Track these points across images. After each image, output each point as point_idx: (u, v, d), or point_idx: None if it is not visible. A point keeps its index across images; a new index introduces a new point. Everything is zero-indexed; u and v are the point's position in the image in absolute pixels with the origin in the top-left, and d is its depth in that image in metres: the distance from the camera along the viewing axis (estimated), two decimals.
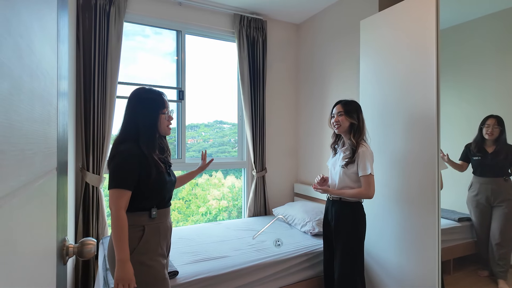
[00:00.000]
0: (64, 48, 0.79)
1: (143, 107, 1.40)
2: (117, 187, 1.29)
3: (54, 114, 0.65)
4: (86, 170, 2.54)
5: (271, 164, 3.57)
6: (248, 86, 3.30)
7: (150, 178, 1.35)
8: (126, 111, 1.42)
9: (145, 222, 1.36)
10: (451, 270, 2.81)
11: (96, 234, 2.60)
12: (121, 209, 1.28)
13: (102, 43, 2.60)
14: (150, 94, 1.43)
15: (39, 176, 0.49)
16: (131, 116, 1.40)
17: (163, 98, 1.45)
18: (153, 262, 1.36)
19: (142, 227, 1.35)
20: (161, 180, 1.40)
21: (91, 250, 0.80)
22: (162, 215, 1.42)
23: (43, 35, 0.51)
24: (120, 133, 1.40)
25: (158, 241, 1.40)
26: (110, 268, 1.37)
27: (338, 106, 1.97)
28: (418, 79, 2.01)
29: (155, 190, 1.38)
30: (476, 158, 2.73)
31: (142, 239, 1.34)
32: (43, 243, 0.55)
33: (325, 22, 3.29)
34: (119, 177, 1.30)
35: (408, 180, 2.07)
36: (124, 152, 1.32)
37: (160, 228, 1.41)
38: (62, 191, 0.77)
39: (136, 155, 1.33)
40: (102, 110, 2.60)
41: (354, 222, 1.90)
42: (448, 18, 3.29)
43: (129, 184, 1.31)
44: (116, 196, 1.29)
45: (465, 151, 2.85)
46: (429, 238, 1.93)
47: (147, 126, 1.39)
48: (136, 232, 1.34)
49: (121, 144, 1.36)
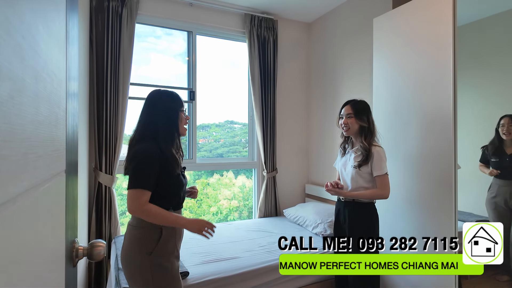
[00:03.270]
0: (73, 49, 0.79)
1: (163, 106, 1.39)
2: (138, 187, 1.27)
3: (63, 116, 0.64)
4: (99, 170, 2.58)
5: (282, 165, 3.54)
6: (259, 86, 3.28)
7: (169, 178, 1.34)
8: (143, 111, 1.42)
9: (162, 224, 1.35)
10: (468, 276, 2.72)
11: (109, 233, 2.63)
12: (144, 205, 1.26)
13: (115, 44, 2.63)
14: (168, 95, 1.44)
15: (45, 180, 0.49)
16: (149, 116, 1.39)
17: (180, 98, 1.46)
18: (169, 264, 1.35)
19: (160, 229, 1.33)
20: (179, 180, 1.40)
21: (100, 252, 0.80)
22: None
23: (49, 36, 0.50)
24: (137, 133, 1.39)
25: (175, 243, 1.39)
26: (123, 267, 1.36)
27: (347, 108, 1.90)
28: (434, 78, 1.95)
29: (173, 191, 1.37)
30: (495, 160, 2.65)
31: (160, 241, 1.32)
32: (50, 246, 0.54)
33: (337, 21, 3.24)
34: (140, 177, 1.28)
35: (424, 181, 2.01)
36: (144, 152, 1.31)
37: (176, 230, 1.40)
38: (71, 193, 0.77)
39: (156, 154, 1.31)
40: (114, 111, 2.63)
41: (370, 223, 1.86)
42: (467, 14, 3.18)
43: (150, 184, 1.29)
44: (136, 196, 1.26)
45: (483, 153, 2.78)
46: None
47: (168, 124, 1.38)
48: (154, 234, 1.32)
49: (139, 144, 1.34)
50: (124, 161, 1.39)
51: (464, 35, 3.31)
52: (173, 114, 1.40)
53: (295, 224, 3.01)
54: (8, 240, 0.32)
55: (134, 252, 1.32)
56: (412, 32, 2.10)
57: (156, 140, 1.35)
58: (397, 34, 2.23)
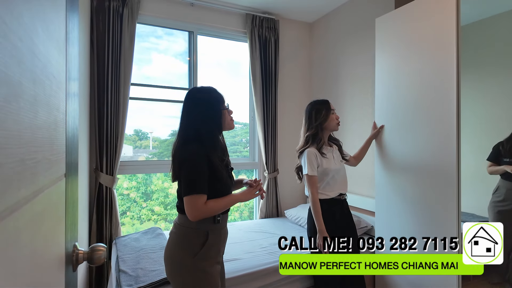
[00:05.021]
0: (74, 50, 0.78)
1: (202, 106, 1.33)
2: (194, 193, 1.23)
3: (62, 118, 0.63)
4: (99, 171, 2.57)
5: (284, 165, 3.52)
6: (260, 86, 3.27)
7: (218, 181, 1.30)
8: (183, 113, 1.36)
9: (209, 227, 1.32)
10: (470, 276, 2.70)
11: (110, 234, 2.62)
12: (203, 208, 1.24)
13: (116, 44, 2.62)
14: (206, 93, 1.36)
15: (45, 185, 0.48)
16: (190, 118, 1.33)
17: (219, 93, 1.39)
18: (212, 270, 1.32)
19: (206, 232, 1.30)
20: (227, 182, 1.36)
21: (101, 256, 0.78)
22: (224, 220, 1.39)
23: (48, 38, 0.49)
24: (181, 136, 1.34)
25: (218, 247, 1.36)
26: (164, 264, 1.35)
27: (331, 104, 1.97)
28: (437, 78, 1.93)
29: (221, 193, 1.33)
30: (507, 160, 2.48)
31: (205, 245, 1.29)
32: (50, 253, 0.53)
33: (339, 21, 3.22)
34: (193, 182, 1.24)
35: (426, 184, 2.00)
36: (192, 155, 1.26)
37: (222, 234, 1.37)
38: (72, 196, 0.76)
39: (204, 156, 1.27)
40: (115, 111, 2.62)
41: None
42: (471, 14, 3.16)
43: (205, 187, 1.25)
44: (194, 202, 1.23)
45: (496, 150, 2.59)
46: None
47: (210, 125, 1.32)
48: (199, 238, 1.30)
49: (186, 146, 1.29)
50: (170, 169, 1.35)
51: (468, 35, 3.29)
52: (216, 112, 1.34)
53: (296, 225, 3.00)
54: (6, 249, 0.31)
55: (177, 252, 1.30)
56: (415, 32, 2.09)
57: (201, 142, 1.30)
58: (399, 34, 2.21)
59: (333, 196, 1.91)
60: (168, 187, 3.52)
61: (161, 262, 1.99)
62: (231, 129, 1.44)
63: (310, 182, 1.84)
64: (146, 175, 3.37)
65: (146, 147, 3.34)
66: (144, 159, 3.28)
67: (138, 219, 3.35)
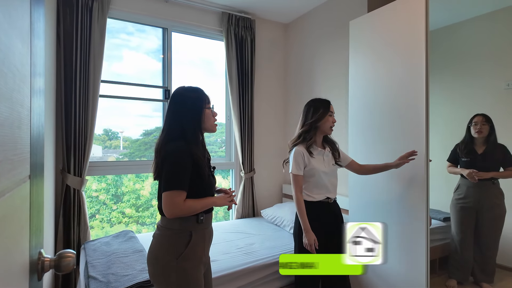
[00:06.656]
0: (39, 43, 0.72)
1: (187, 104, 1.34)
2: (173, 189, 1.22)
3: (27, 115, 0.58)
4: (67, 172, 2.43)
5: (260, 165, 3.53)
6: (237, 86, 3.25)
7: (201, 178, 1.30)
8: (168, 111, 1.37)
9: (192, 228, 1.30)
10: (436, 269, 2.84)
11: (78, 238, 2.49)
12: (181, 205, 1.22)
13: (84, 39, 2.49)
14: (192, 92, 1.39)
15: (7, 188, 0.43)
16: (175, 116, 1.34)
17: (204, 93, 1.41)
18: (195, 270, 1.30)
19: (189, 233, 1.29)
20: (210, 181, 1.35)
21: (69, 264, 0.73)
22: (208, 220, 1.37)
23: (10, 27, 0.44)
24: (165, 134, 1.33)
25: (203, 247, 1.34)
26: (148, 265, 1.34)
27: (331, 106, 1.91)
28: (407, 80, 2.01)
29: (203, 192, 1.32)
30: (465, 159, 2.59)
31: (188, 245, 1.28)
32: (12, 261, 0.48)
33: (314, 22, 3.27)
34: (174, 178, 1.23)
35: (396, 182, 2.07)
36: (174, 151, 1.25)
37: (206, 234, 1.36)
38: (37, 199, 0.70)
39: (187, 153, 1.26)
40: (84, 109, 2.49)
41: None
42: (439, 19, 3.33)
43: (185, 184, 1.24)
44: (172, 198, 1.22)
45: (454, 152, 2.72)
46: (418, 239, 1.93)
47: (191, 123, 1.33)
48: (182, 238, 1.28)
49: (169, 144, 1.29)
50: (152, 167, 1.34)
51: (436, 39, 3.47)
52: (198, 110, 1.36)
53: (272, 224, 3.01)
54: None
55: (161, 253, 1.28)
56: (387, 35, 2.16)
57: (186, 139, 1.30)
58: (372, 37, 2.28)
59: (319, 199, 1.85)
60: (140, 188, 3.41)
61: (134, 267, 1.92)
62: (213, 132, 1.45)
63: (294, 181, 1.84)
64: (117, 176, 3.24)
65: (116, 147, 3.21)
66: (114, 159, 3.15)
67: (108, 222, 3.22)
